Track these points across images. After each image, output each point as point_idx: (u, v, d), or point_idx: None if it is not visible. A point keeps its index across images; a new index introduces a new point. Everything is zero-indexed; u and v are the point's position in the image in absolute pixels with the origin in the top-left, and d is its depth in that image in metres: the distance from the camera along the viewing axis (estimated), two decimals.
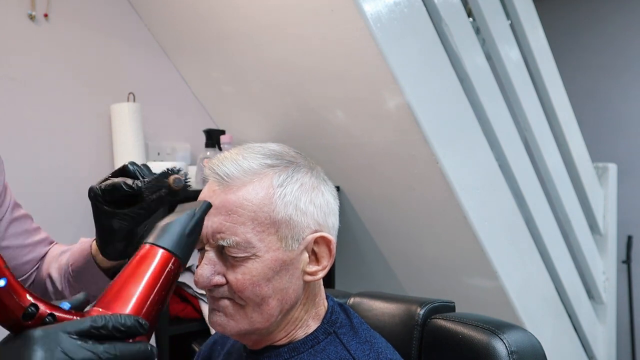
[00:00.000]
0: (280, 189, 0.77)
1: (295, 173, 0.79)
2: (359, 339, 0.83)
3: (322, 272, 0.81)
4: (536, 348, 0.87)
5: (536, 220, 2.15)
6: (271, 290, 0.77)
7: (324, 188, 0.82)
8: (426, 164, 1.79)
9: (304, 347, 0.81)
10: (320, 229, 0.80)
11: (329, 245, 0.80)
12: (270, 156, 0.80)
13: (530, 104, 2.20)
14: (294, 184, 0.78)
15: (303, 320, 0.83)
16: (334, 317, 0.84)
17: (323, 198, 0.81)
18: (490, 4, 2.08)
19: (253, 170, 0.77)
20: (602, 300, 2.60)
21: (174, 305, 1.92)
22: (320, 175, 0.83)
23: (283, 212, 0.77)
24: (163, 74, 2.28)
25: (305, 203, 0.78)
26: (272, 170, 0.78)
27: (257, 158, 0.79)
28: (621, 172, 2.78)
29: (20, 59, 1.97)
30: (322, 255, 0.81)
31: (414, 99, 1.69)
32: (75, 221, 2.06)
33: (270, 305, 0.78)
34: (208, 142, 2.06)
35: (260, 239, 0.76)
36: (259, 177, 0.77)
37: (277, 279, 0.77)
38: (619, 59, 3.53)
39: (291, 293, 0.79)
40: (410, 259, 2.17)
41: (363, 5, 1.58)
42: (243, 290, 0.77)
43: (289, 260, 0.78)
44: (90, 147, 2.10)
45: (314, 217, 0.79)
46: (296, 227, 0.78)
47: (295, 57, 1.88)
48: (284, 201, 0.77)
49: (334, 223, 0.83)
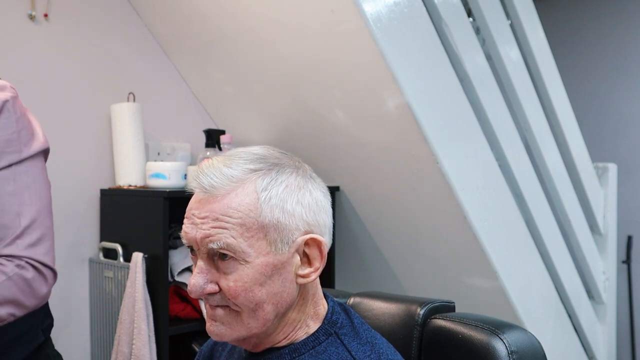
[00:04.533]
0: (265, 192, 0.77)
1: (279, 175, 0.79)
2: (360, 340, 0.82)
3: (314, 273, 0.80)
4: (536, 348, 0.87)
5: (536, 220, 2.15)
6: (265, 295, 0.77)
7: (312, 186, 0.81)
8: (426, 164, 1.79)
9: (305, 348, 0.81)
10: (311, 230, 0.80)
11: (319, 246, 0.80)
12: (253, 160, 0.79)
13: (530, 104, 2.20)
14: (278, 186, 0.78)
15: (302, 321, 0.83)
16: (335, 318, 0.84)
17: (311, 197, 0.80)
18: (490, 4, 2.08)
19: (236, 178, 0.77)
20: (602, 300, 2.60)
21: (174, 305, 1.92)
22: (307, 174, 0.82)
23: (270, 216, 0.76)
24: (163, 74, 2.28)
25: (292, 204, 0.78)
26: (256, 174, 0.78)
27: (240, 164, 0.78)
28: (621, 172, 2.78)
29: (20, 59, 1.97)
30: (314, 257, 0.80)
31: (414, 99, 1.69)
32: (75, 221, 2.06)
33: (265, 310, 0.78)
34: (208, 142, 2.06)
35: (249, 244, 0.76)
36: (242, 183, 0.77)
37: (270, 283, 0.77)
38: (619, 59, 3.53)
39: (286, 297, 0.79)
40: (410, 259, 2.17)
41: (363, 5, 1.58)
42: (236, 297, 0.77)
43: (280, 264, 0.78)
44: (90, 147, 2.10)
45: (303, 218, 0.79)
46: (285, 230, 0.77)
47: (295, 57, 1.88)
48: (269, 205, 0.77)
49: (325, 221, 0.82)
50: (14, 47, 1.95)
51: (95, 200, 2.10)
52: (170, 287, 1.91)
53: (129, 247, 1.93)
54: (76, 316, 2.08)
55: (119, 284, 1.93)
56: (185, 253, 1.96)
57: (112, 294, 1.96)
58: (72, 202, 2.04)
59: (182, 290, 1.94)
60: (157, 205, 1.82)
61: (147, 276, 1.82)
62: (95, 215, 2.10)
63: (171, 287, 1.92)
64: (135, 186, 2.02)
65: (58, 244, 1.49)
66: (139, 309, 1.77)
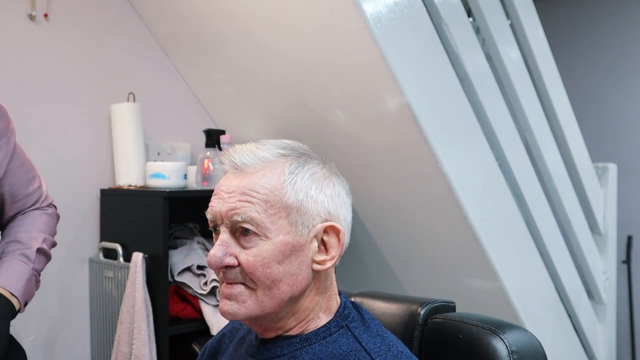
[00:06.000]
0: (292, 176, 0.81)
1: (306, 163, 0.83)
2: (370, 333, 0.84)
3: (330, 261, 0.83)
4: (536, 348, 0.88)
5: (536, 220, 2.15)
6: (281, 273, 0.79)
7: (336, 180, 0.85)
8: (426, 164, 1.79)
9: (316, 338, 0.83)
10: (331, 219, 0.82)
11: (338, 235, 0.82)
12: (283, 148, 0.84)
13: (530, 104, 2.20)
14: (305, 173, 0.82)
15: (314, 312, 0.84)
16: (347, 312, 0.86)
17: (334, 189, 0.84)
18: (490, 4, 2.08)
19: (267, 159, 0.82)
20: (602, 300, 2.60)
21: (174, 306, 1.92)
22: (332, 169, 0.87)
23: (294, 198, 0.80)
24: (163, 74, 2.28)
25: (315, 191, 0.82)
26: (285, 159, 0.82)
27: (271, 148, 0.83)
28: (621, 172, 2.78)
29: (20, 59, 1.97)
30: (332, 245, 0.83)
31: (414, 99, 1.69)
32: (76, 222, 2.06)
33: (280, 289, 0.80)
34: (208, 142, 2.06)
35: (272, 221, 0.79)
36: (271, 165, 0.81)
37: (287, 263, 0.80)
38: (619, 59, 3.53)
39: (301, 280, 0.81)
40: (410, 259, 2.17)
41: (363, 5, 1.58)
42: (254, 272, 0.79)
43: (299, 245, 0.80)
44: (90, 147, 2.10)
45: (325, 206, 0.82)
46: (307, 214, 0.80)
47: (295, 57, 1.88)
48: (294, 187, 0.80)
49: (345, 216, 0.85)
50: (14, 47, 1.95)
51: (95, 200, 2.10)
52: (170, 287, 1.91)
53: (129, 247, 1.93)
54: (76, 316, 2.08)
55: (119, 284, 1.93)
56: (185, 253, 1.96)
57: (112, 294, 1.96)
58: (72, 202, 2.04)
59: (182, 290, 1.94)
60: (157, 205, 1.82)
61: (147, 276, 1.82)
62: (95, 215, 2.10)
63: (171, 287, 1.92)
64: (135, 186, 2.02)
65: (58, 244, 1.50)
66: (139, 309, 1.77)
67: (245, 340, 0.92)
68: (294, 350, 0.82)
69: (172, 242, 2.00)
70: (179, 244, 2.01)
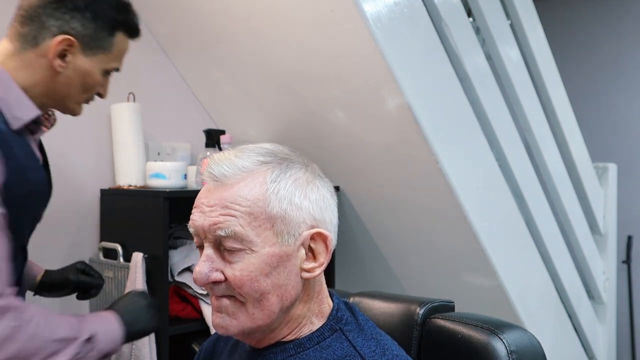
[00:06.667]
0: (274, 184, 0.78)
1: (288, 169, 0.81)
2: (365, 336, 0.83)
3: (319, 268, 0.81)
4: (536, 348, 0.88)
5: (536, 220, 2.15)
6: (270, 285, 0.78)
7: (320, 183, 0.83)
8: (426, 164, 1.79)
9: (310, 344, 0.82)
10: (317, 225, 0.80)
11: (325, 241, 0.81)
12: (263, 154, 0.81)
13: (530, 104, 2.20)
14: (287, 180, 0.79)
15: (306, 318, 0.83)
16: (340, 315, 0.85)
17: (319, 193, 0.82)
18: (490, 4, 2.08)
19: (247, 168, 0.79)
20: (602, 300, 2.60)
21: (174, 305, 1.92)
22: (315, 172, 0.84)
23: (278, 207, 0.78)
24: (163, 74, 2.27)
25: (299, 198, 0.79)
26: (266, 166, 0.80)
27: (251, 156, 0.80)
28: (621, 172, 2.78)
29: None
30: (319, 251, 0.81)
31: (414, 99, 1.69)
32: (75, 222, 2.06)
33: (270, 302, 0.78)
34: (208, 142, 2.06)
35: (256, 233, 0.77)
36: (252, 174, 0.79)
37: (274, 274, 0.78)
38: (619, 59, 3.53)
39: (290, 290, 0.79)
40: (410, 259, 2.17)
41: (363, 5, 1.58)
42: (241, 286, 0.77)
43: (286, 255, 0.78)
44: (90, 147, 2.10)
45: (310, 212, 0.80)
46: (292, 222, 0.78)
47: (295, 57, 1.88)
48: (278, 196, 0.78)
49: (331, 219, 0.83)
50: None
51: (95, 200, 2.10)
52: (170, 287, 1.91)
53: (129, 247, 1.93)
54: None
55: (119, 284, 1.93)
56: (185, 253, 1.96)
57: (112, 294, 1.96)
58: (72, 202, 2.04)
59: (182, 290, 1.94)
60: (157, 205, 1.82)
61: (147, 276, 1.82)
62: (95, 215, 2.10)
63: (171, 287, 1.92)
64: (135, 186, 2.02)
65: (58, 244, 1.50)
66: None
67: (239, 346, 0.91)
68: (288, 356, 0.82)
69: (172, 242, 2.00)
70: (179, 244, 2.01)
